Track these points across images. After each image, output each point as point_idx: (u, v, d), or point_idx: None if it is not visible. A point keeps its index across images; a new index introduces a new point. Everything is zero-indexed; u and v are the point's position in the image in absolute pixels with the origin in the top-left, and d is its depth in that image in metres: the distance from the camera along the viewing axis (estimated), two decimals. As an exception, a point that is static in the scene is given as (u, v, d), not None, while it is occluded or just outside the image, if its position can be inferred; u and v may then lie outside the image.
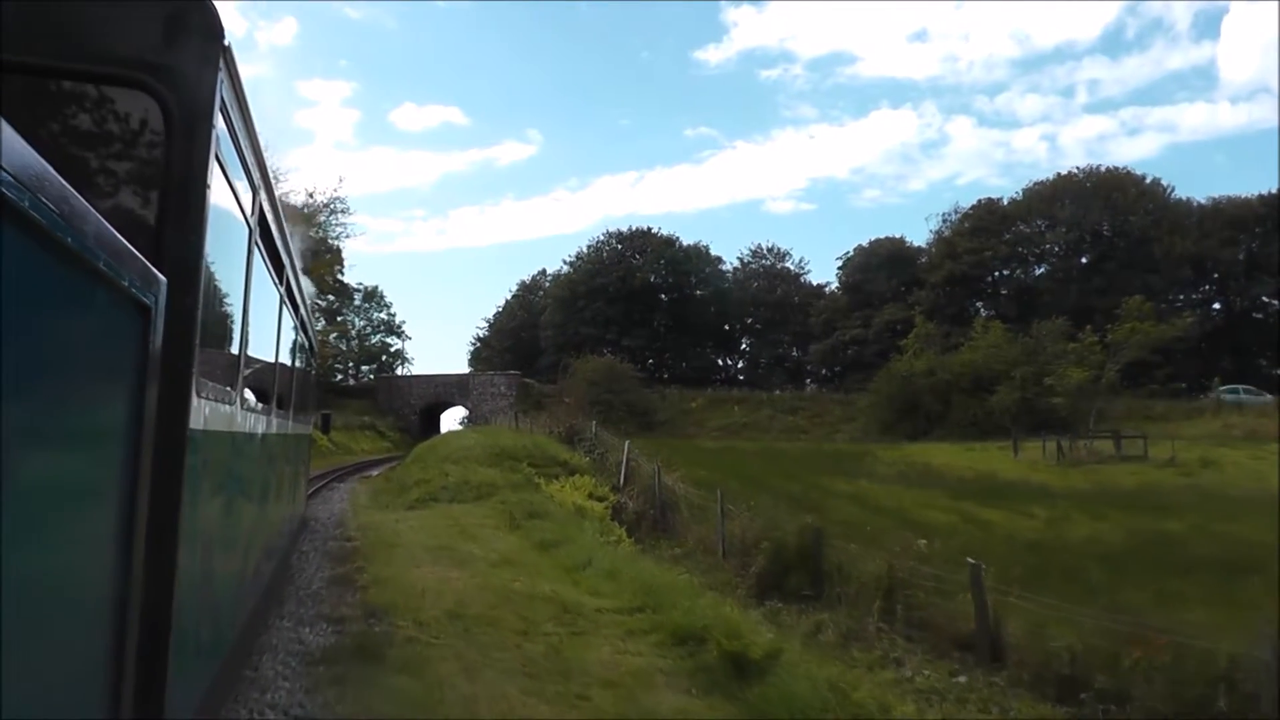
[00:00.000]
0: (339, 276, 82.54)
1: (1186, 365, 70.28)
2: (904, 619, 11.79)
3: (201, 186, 3.41)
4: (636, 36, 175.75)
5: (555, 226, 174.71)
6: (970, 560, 12.30)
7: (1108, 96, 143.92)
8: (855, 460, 40.13)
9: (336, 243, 71.76)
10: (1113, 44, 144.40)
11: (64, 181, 1.59)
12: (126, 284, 2.06)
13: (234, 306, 4.63)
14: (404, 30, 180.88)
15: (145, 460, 2.38)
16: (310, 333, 11.99)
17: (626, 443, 23.14)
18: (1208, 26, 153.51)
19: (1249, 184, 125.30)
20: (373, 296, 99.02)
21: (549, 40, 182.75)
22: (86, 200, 1.74)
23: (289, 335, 8.04)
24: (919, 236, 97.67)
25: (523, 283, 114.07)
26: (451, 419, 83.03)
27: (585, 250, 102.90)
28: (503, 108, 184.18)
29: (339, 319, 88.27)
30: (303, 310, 9.71)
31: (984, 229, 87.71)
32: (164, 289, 2.47)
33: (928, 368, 67.97)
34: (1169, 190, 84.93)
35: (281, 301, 6.90)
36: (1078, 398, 46.96)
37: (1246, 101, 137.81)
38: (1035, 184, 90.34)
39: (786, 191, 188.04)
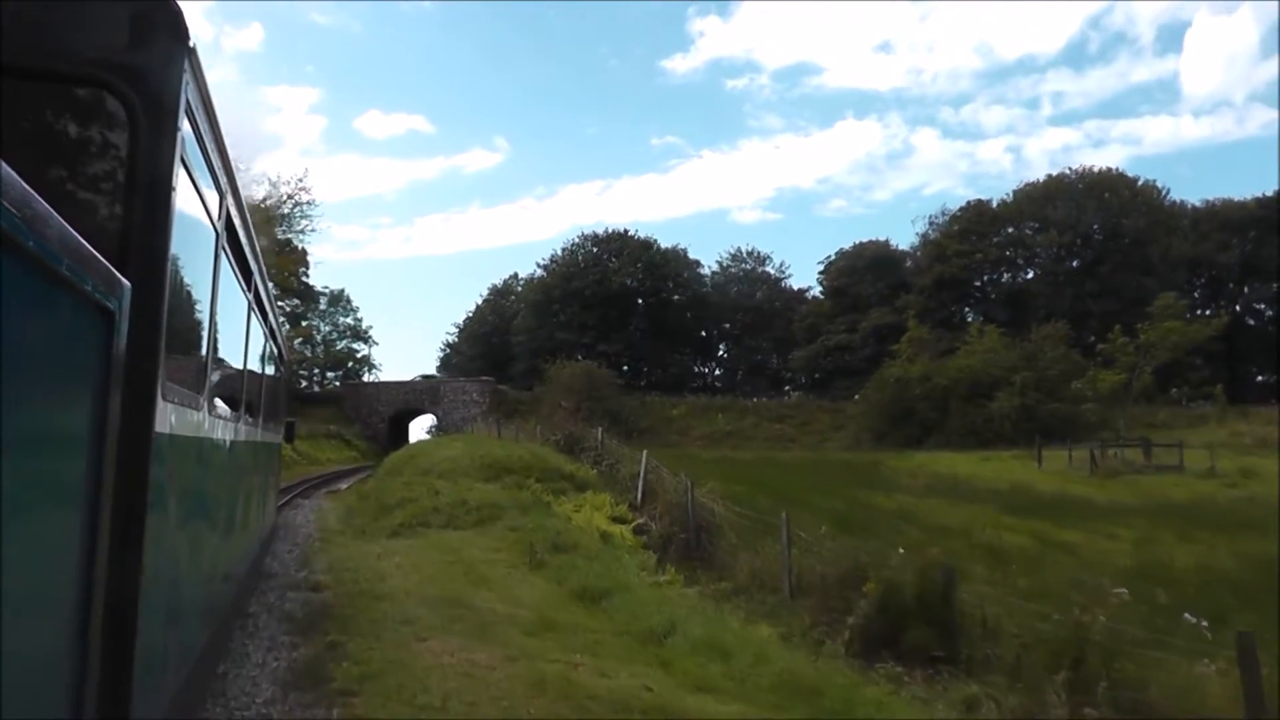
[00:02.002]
0: (304, 278, 78.83)
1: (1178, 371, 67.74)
2: (1109, 698, 8.34)
3: (167, 189, 3.32)
4: (604, 45, 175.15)
5: (522, 234, 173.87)
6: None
7: (1072, 109, 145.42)
8: (870, 470, 36.91)
9: (302, 238, 67.68)
10: (1076, 57, 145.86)
11: (25, 185, 1.59)
12: (89, 288, 2.05)
13: (201, 311, 4.52)
14: (370, 37, 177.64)
15: (109, 463, 2.34)
16: (280, 340, 11.88)
17: (644, 453, 19.60)
18: (1171, 41, 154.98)
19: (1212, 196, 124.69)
20: (339, 300, 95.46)
21: (516, 48, 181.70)
22: (50, 202, 1.72)
23: (258, 342, 7.97)
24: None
25: (494, 287, 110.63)
26: (420, 428, 79.82)
27: (559, 253, 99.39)
28: (469, 115, 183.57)
29: (304, 323, 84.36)
30: (272, 317, 9.62)
31: (973, 231, 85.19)
32: (128, 293, 2.46)
33: (924, 373, 64.96)
34: (1165, 192, 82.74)
35: (250, 308, 6.82)
36: (1110, 403, 43.46)
37: (1209, 115, 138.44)
38: (1026, 185, 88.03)
39: (753, 201, 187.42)
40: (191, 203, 3.86)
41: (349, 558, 11.60)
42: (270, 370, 10.13)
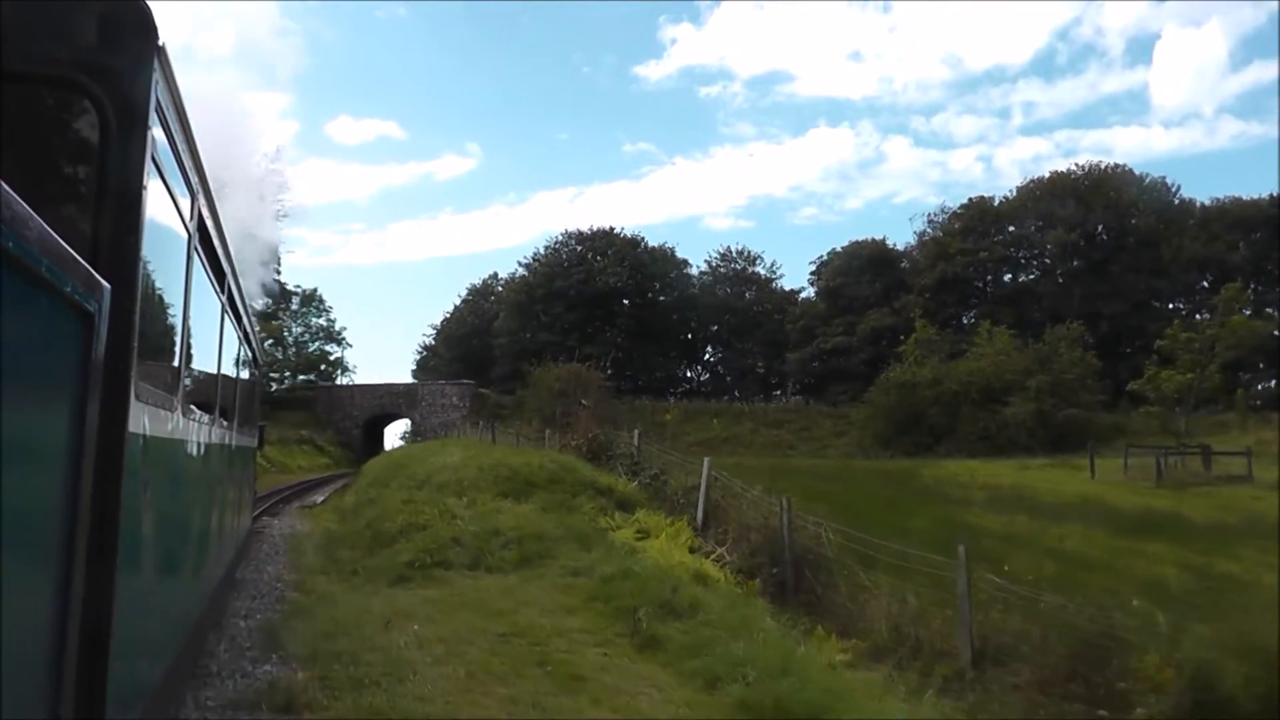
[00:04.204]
0: (275, 274, 74.39)
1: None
2: None
3: (138, 190, 3.29)
4: (577, 51, 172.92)
5: (494, 241, 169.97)
6: None
7: (1042, 119, 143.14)
8: (908, 479, 33.15)
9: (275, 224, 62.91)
10: (1045, 67, 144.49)
11: (6, 186, 1.58)
12: (69, 290, 2.05)
13: (173, 313, 4.51)
14: (341, 42, 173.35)
15: (88, 468, 2.32)
16: (255, 344, 11.58)
17: (706, 461, 15.48)
18: (1141, 53, 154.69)
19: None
20: (311, 300, 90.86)
21: (487, 54, 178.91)
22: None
23: (232, 344, 7.81)
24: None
25: (473, 287, 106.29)
26: (394, 433, 76.12)
27: (543, 251, 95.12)
28: (441, 121, 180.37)
29: (274, 322, 79.75)
30: (246, 321, 9.37)
31: (975, 230, 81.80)
32: (108, 296, 2.46)
33: (933, 376, 61.32)
34: (1175, 189, 79.64)
35: (224, 310, 6.77)
36: (1174, 406, 39.57)
37: (1179, 126, 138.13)
38: (1030, 181, 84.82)
39: (726, 208, 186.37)
40: (163, 204, 3.80)
41: (340, 626, 7.38)
42: (245, 374, 9.95)
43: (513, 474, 15.99)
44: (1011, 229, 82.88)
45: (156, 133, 3.41)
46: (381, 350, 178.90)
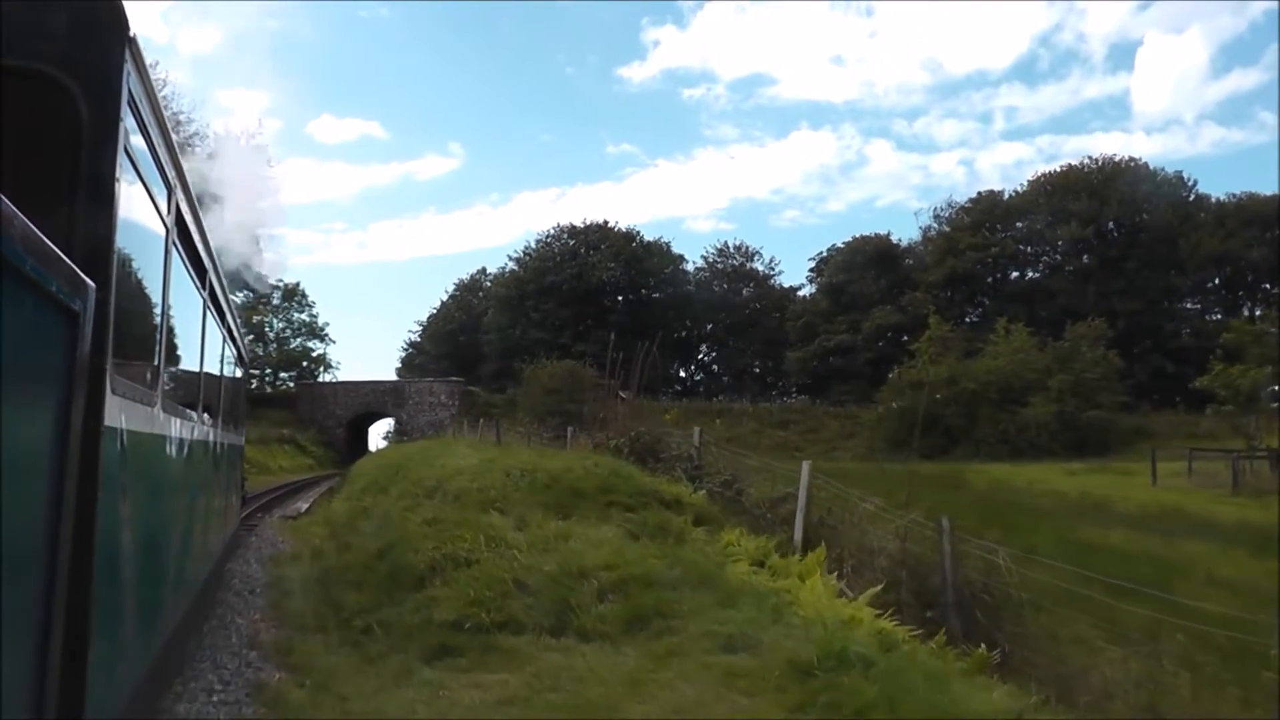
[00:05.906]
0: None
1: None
2: None
3: (110, 183, 3.21)
4: (560, 52, 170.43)
5: (476, 241, 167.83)
6: None
7: (1025, 124, 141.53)
8: (959, 485, 30.04)
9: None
10: (1026, 73, 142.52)
11: None
12: (54, 289, 2.03)
13: (151, 308, 4.38)
14: (324, 42, 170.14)
15: (72, 469, 2.30)
16: (239, 341, 11.24)
17: (805, 465, 12.08)
18: (1122, 59, 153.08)
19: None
20: (293, 295, 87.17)
21: (471, 54, 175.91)
22: None
23: (215, 341, 7.70)
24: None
25: (461, 282, 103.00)
26: (378, 433, 72.92)
27: (533, 244, 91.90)
28: (424, 121, 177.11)
29: (255, 318, 76.16)
30: (230, 318, 9.26)
31: (984, 225, 78.99)
32: (92, 295, 2.44)
33: (949, 376, 58.30)
34: (1191, 184, 76.97)
35: (205, 306, 6.70)
36: (1246, 407, 36.39)
37: (1160, 132, 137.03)
38: (1040, 175, 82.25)
39: (708, 210, 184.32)
40: (138, 197, 3.71)
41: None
42: (229, 371, 9.70)
43: (552, 481, 12.55)
44: (1020, 225, 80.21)
45: (130, 125, 3.32)
46: (364, 350, 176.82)
